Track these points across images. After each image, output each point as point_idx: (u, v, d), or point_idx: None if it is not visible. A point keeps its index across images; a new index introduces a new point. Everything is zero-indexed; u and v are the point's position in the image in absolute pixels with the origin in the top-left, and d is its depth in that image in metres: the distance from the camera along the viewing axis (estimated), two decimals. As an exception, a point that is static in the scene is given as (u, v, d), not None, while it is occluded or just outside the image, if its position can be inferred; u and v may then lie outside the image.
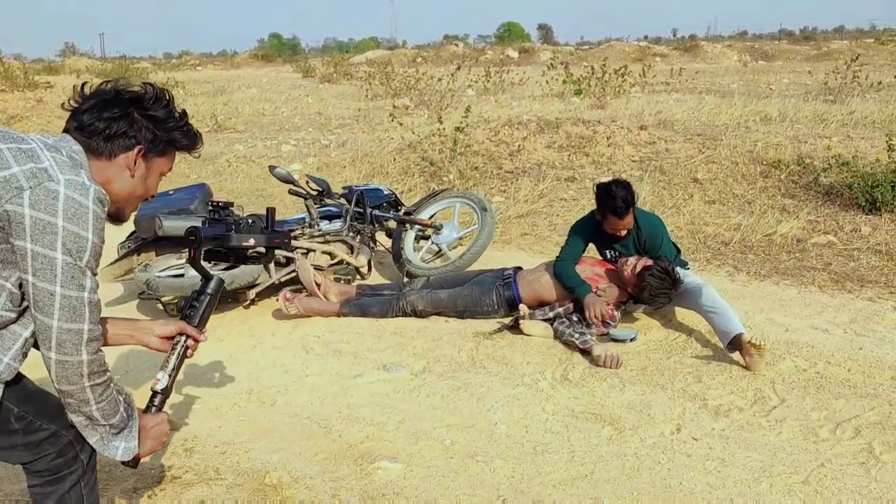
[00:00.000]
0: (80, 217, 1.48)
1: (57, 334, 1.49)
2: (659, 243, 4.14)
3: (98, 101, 1.63)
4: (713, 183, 7.15)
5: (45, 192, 1.46)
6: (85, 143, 1.61)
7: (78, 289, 1.49)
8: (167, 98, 1.72)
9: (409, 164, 8.39)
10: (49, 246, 1.45)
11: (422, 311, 4.25)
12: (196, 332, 1.89)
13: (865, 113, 9.86)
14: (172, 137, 1.71)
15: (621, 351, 3.73)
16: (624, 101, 13.24)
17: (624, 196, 3.97)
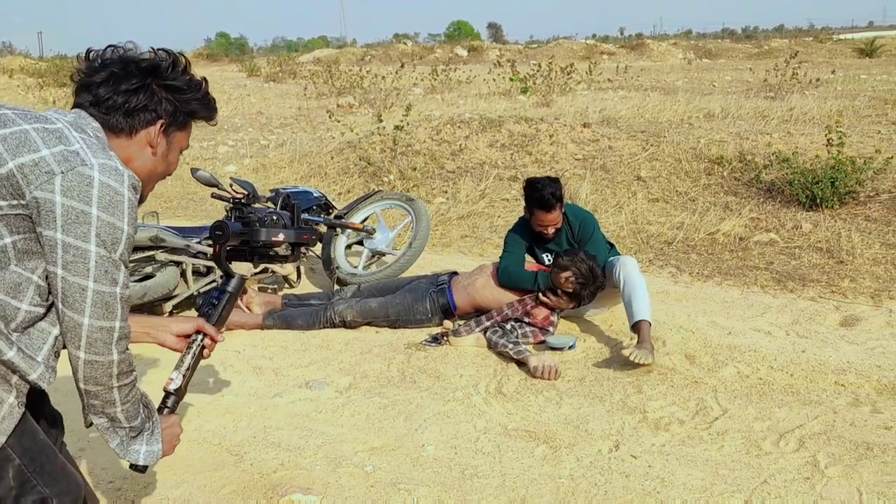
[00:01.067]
0: (116, 206, 1.37)
1: (88, 332, 1.38)
2: (591, 233, 3.99)
3: (112, 73, 1.50)
4: (657, 181, 7.06)
5: (79, 178, 1.34)
6: (103, 120, 1.49)
7: (111, 283, 1.39)
8: (184, 64, 1.59)
9: (348, 165, 8.12)
10: (82, 237, 1.34)
11: (351, 321, 4.01)
12: (214, 331, 1.79)
13: (804, 109, 9.93)
14: (192, 109, 1.59)
15: (559, 360, 3.55)
16: (569, 99, 13.17)
17: (552, 189, 3.82)
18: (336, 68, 20.54)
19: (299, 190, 4.94)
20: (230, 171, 8.79)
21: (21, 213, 1.36)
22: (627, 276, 3.66)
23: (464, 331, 3.78)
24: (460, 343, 3.72)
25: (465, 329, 3.79)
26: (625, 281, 3.66)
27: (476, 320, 3.84)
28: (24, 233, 1.37)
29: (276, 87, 22.17)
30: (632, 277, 3.66)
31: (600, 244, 3.99)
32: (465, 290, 3.97)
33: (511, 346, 3.53)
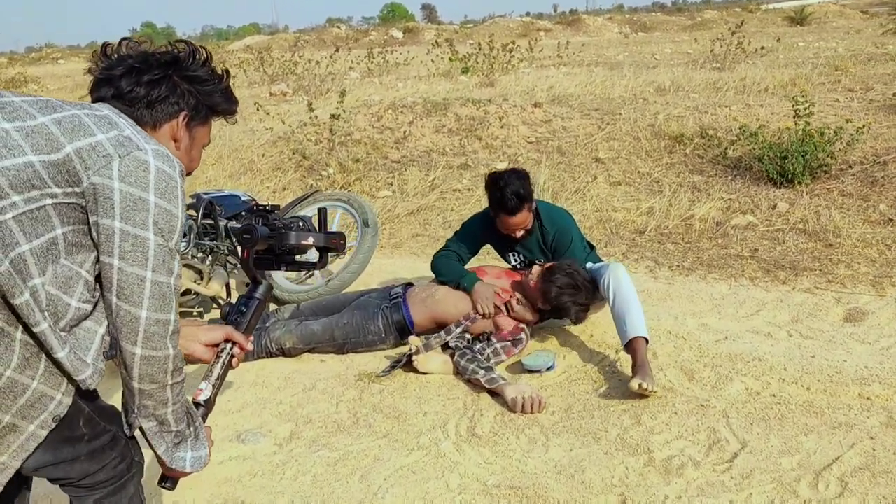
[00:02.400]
0: (171, 192, 1.36)
1: (145, 326, 1.34)
2: (568, 241, 3.47)
3: (132, 66, 1.49)
4: (616, 162, 6.59)
5: (136, 163, 1.32)
6: (128, 112, 1.45)
7: (168, 273, 1.36)
8: (205, 56, 1.57)
9: (282, 159, 7.44)
10: (141, 225, 1.32)
11: (291, 348, 3.41)
12: (244, 340, 1.72)
13: (756, 79, 9.60)
14: (214, 101, 1.57)
15: (539, 385, 3.03)
16: (513, 78, 12.65)
17: (515, 188, 3.27)
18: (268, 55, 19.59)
19: (224, 194, 4.29)
20: (153, 171, 8.02)
21: (74, 203, 1.32)
22: (618, 287, 3.15)
23: (434, 342, 3.23)
24: (428, 364, 3.16)
25: (436, 340, 3.24)
26: (615, 292, 3.15)
27: (446, 330, 3.30)
28: (75, 224, 1.34)
29: (205, 77, 21.10)
30: (622, 288, 3.15)
31: (578, 254, 3.47)
32: (424, 304, 3.41)
33: (482, 374, 2.99)
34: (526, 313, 3.34)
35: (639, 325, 3.03)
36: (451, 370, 3.17)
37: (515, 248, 3.59)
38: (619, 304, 3.12)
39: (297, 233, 1.91)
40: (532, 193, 3.38)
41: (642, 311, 3.11)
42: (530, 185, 3.37)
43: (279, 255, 1.94)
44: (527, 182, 3.35)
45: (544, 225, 3.51)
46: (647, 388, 2.76)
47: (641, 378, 2.80)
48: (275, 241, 1.89)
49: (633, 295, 3.13)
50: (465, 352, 3.15)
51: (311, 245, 1.93)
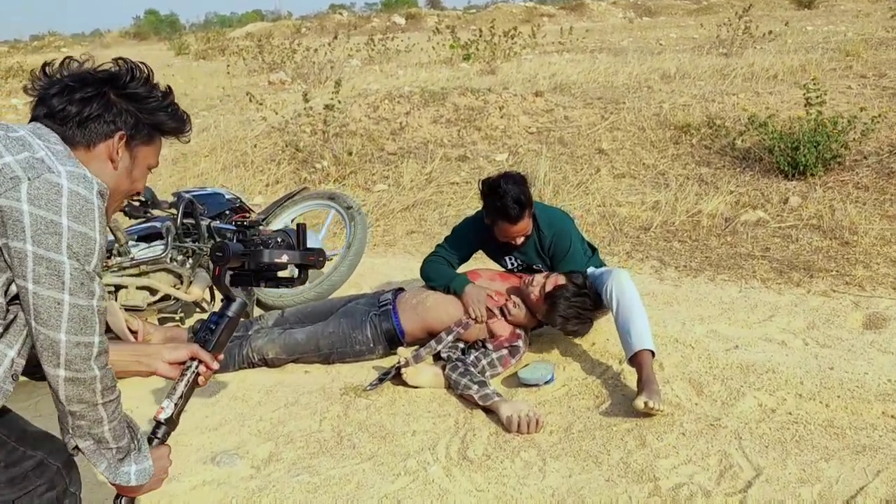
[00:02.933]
0: (86, 214, 1.32)
1: (66, 349, 1.33)
2: (567, 245, 3.25)
3: (66, 83, 1.44)
4: (620, 153, 6.36)
5: (47, 186, 1.30)
6: (59, 132, 1.42)
7: (87, 296, 1.34)
8: (146, 73, 1.52)
9: (276, 151, 7.22)
10: (54, 249, 1.29)
11: (274, 358, 3.21)
12: (209, 358, 1.70)
13: (765, 65, 9.33)
14: (157, 120, 1.52)
15: (536, 399, 2.83)
16: (515, 65, 12.39)
17: (516, 195, 3.06)
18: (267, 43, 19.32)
19: (207, 192, 4.08)
20: (145, 164, 7.81)
21: None
22: (621, 295, 2.94)
23: (424, 353, 3.03)
24: (418, 378, 2.96)
25: (427, 350, 3.05)
26: (618, 301, 2.93)
27: (437, 338, 3.11)
28: None
29: (205, 66, 20.82)
30: (626, 297, 2.93)
31: (578, 258, 3.25)
32: (415, 311, 3.21)
33: (475, 389, 2.78)
34: (523, 317, 3.13)
35: (644, 337, 2.82)
36: (442, 383, 2.97)
37: (511, 252, 3.38)
38: (622, 313, 2.91)
39: (272, 251, 1.81)
40: (531, 198, 3.16)
41: (647, 321, 2.90)
42: (529, 190, 3.15)
43: (256, 271, 1.84)
44: (526, 187, 3.13)
45: (541, 229, 3.29)
46: (654, 406, 2.55)
47: (647, 396, 2.59)
48: (249, 258, 1.81)
49: (637, 304, 2.92)
50: (457, 364, 2.94)
51: (287, 263, 1.84)
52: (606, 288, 3.01)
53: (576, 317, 2.99)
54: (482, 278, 3.30)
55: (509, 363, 3.05)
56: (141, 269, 3.46)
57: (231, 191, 4.17)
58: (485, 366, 2.99)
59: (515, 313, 3.10)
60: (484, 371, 2.97)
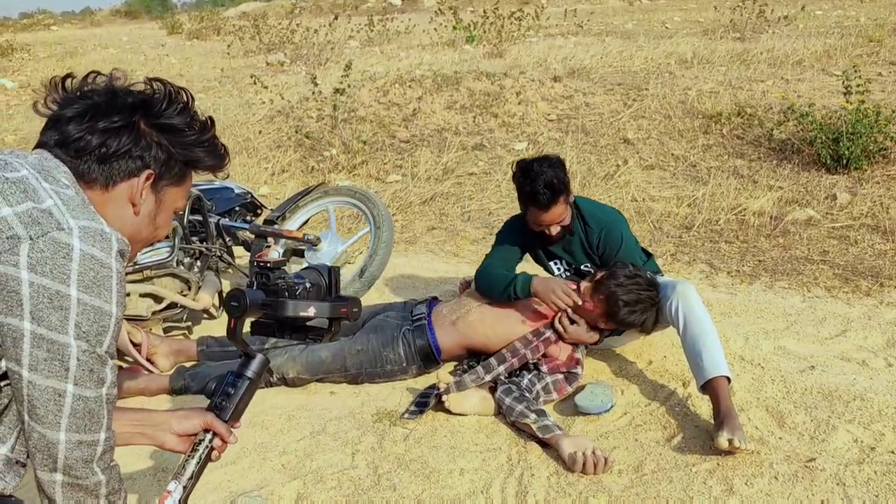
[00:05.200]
0: (102, 283, 1.07)
1: (66, 452, 1.09)
2: (618, 241, 2.90)
3: (89, 106, 1.16)
4: (647, 143, 6.02)
5: (54, 247, 1.03)
6: (72, 166, 1.15)
7: (96, 385, 1.09)
8: (185, 100, 1.25)
9: (281, 137, 6.85)
10: (58, 328, 1.04)
11: (294, 378, 2.87)
12: (226, 430, 1.42)
13: (786, 51, 8.99)
14: (193, 157, 1.26)
15: (595, 430, 2.50)
16: (522, 48, 11.99)
17: (549, 178, 2.71)
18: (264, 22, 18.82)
19: (216, 186, 3.73)
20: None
21: None
22: (689, 312, 2.60)
23: (469, 381, 2.67)
24: (461, 404, 2.62)
25: (472, 378, 2.68)
26: (685, 319, 2.60)
27: (485, 365, 2.73)
28: None
29: (199, 46, 20.29)
30: (695, 314, 2.59)
31: (632, 255, 2.91)
32: (454, 326, 2.87)
33: (533, 418, 2.45)
34: (583, 334, 2.78)
35: (719, 362, 2.49)
36: (490, 409, 2.63)
37: (557, 254, 3.04)
38: (691, 334, 2.58)
39: (297, 302, 1.53)
40: (568, 183, 2.81)
41: (720, 343, 2.56)
42: (566, 174, 2.80)
43: (280, 321, 1.54)
44: (562, 171, 2.78)
45: (589, 224, 2.95)
46: (740, 445, 2.23)
47: (731, 432, 2.27)
48: (269, 309, 1.53)
49: (708, 324, 2.58)
50: (511, 388, 2.60)
51: (312, 317, 1.55)
52: (671, 304, 2.67)
53: (638, 301, 2.66)
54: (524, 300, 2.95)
55: (565, 390, 2.71)
56: (144, 274, 3.10)
57: (241, 185, 3.81)
58: (539, 391, 2.66)
59: (573, 331, 2.76)
60: (538, 397, 2.64)
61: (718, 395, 2.42)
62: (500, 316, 2.83)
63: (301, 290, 1.57)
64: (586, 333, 2.77)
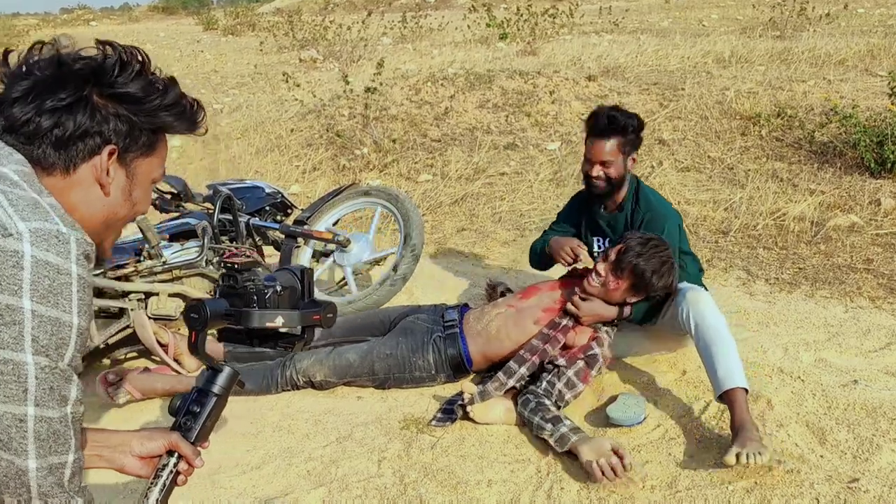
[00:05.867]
0: (59, 292, 0.98)
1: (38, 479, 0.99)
2: (659, 230, 2.84)
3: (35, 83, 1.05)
4: (683, 144, 5.90)
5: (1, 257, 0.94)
6: (25, 152, 1.05)
7: (60, 404, 1.00)
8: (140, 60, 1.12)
9: (313, 135, 6.84)
10: (11, 345, 0.94)
11: (321, 381, 2.84)
12: (192, 452, 1.29)
13: (828, 50, 8.76)
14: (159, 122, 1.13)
15: (628, 444, 2.43)
16: (556, 46, 11.87)
17: (616, 113, 2.83)
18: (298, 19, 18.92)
19: (246, 185, 3.72)
20: (175, 146, 7.48)
21: None
22: (700, 320, 2.53)
23: (493, 389, 2.62)
24: (486, 414, 2.57)
25: (495, 386, 2.63)
26: (696, 326, 2.54)
27: (506, 370, 2.68)
28: None
29: (234, 42, 20.47)
30: (707, 322, 2.52)
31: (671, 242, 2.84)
32: (481, 336, 2.81)
33: (549, 429, 2.38)
34: (599, 309, 2.70)
35: (733, 372, 2.41)
36: (514, 419, 2.58)
37: (602, 228, 3.02)
38: (702, 343, 2.51)
39: (263, 312, 1.41)
40: (632, 131, 2.84)
41: (735, 350, 2.48)
42: (636, 126, 2.85)
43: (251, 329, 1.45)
44: (633, 118, 2.84)
45: (639, 204, 2.94)
46: (751, 461, 2.14)
47: (741, 446, 2.19)
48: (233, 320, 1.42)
49: (721, 331, 2.51)
50: (528, 398, 2.53)
51: (279, 328, 1.44)
52: (681, 310, 2.62)
53: (663, 264, 2.62)
54: (541, 290, 2.90)
55: (589, 377, 2.62)
56: (174, 273, 3.10)
57: (271, 184, 3.80)
58: (561, 389, 2.58)
59: (586, 307, 2.68)
60: (562, 396, 2.57)
61: (733, 408, 2.35)
62: (516, 320, 2.78)
63: (271, 294, 1.46)
64: (603, 308, 2.70)
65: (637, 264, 2.61)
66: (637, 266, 2.61)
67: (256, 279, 1.48)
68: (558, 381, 2.60)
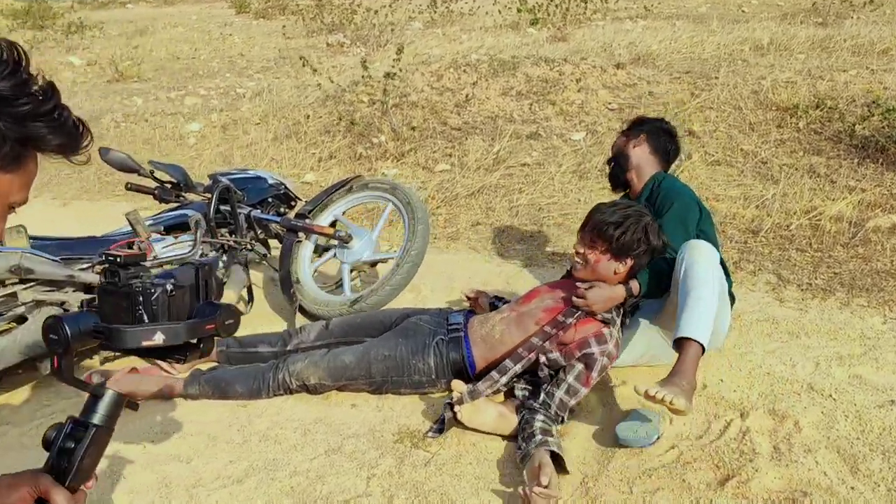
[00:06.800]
0: None
1: None
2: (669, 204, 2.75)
3: None
4: (714, 136, 5.62)
5: None
6: None
7: None
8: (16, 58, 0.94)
9: (331, 121, 6.67)
10: None
11: (316, 385, 2.68)
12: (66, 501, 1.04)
13: (871, 38, 8.35)
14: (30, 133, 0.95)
15: (638, 467, 2.23)
16: (587, 32, 11.56)
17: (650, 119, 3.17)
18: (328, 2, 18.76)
19: (248, 175, 3.56)
20: (194, 130, 7.37)
21: None
22: (689, 267, 2.46)
23: (484, 387, 2.44)
24: (476, 417, 2.39)
25: (487, 384, 2.45)
26: (685, 271, 2.47)
27: (500, 369, 2.50)
28: None
29: (264, 25, 20.38)
30: (695, 270, 2.45)
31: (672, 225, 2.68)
32: (485, 342, 2.62)
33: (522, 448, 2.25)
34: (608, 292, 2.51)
35: (700, 325, 2.37)
36: (509, 429, 2.39)
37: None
38: (684, 288, 2.45)
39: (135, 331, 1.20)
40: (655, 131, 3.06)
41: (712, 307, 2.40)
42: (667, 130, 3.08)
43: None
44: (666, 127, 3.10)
45: (660, 188, 2.84)
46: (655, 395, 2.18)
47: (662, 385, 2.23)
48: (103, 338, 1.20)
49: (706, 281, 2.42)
50: (523, 415, 2.37)
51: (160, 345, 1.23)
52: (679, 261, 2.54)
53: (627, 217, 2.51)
54: (542, 293, 2.70)
55: (591, 379, 2.40)
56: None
57: (276, 174, 3.64)
58: (562, 398, 2.38)
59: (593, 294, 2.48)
60: (564, 405, 2.37)
61: (681, 357, 2.36)
62: (518, 323, 2.59)
63: (159, 294, 1.25)
64: (609, 290, 2.52)
65: (598, 220, 2.54)
66: (599, 223, 2.53)
67: (144, 276, 1.28)
68: (558, 390, 2.41)
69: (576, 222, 4.35)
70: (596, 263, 2.55)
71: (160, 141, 7.20)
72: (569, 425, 2.45)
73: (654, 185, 2.84)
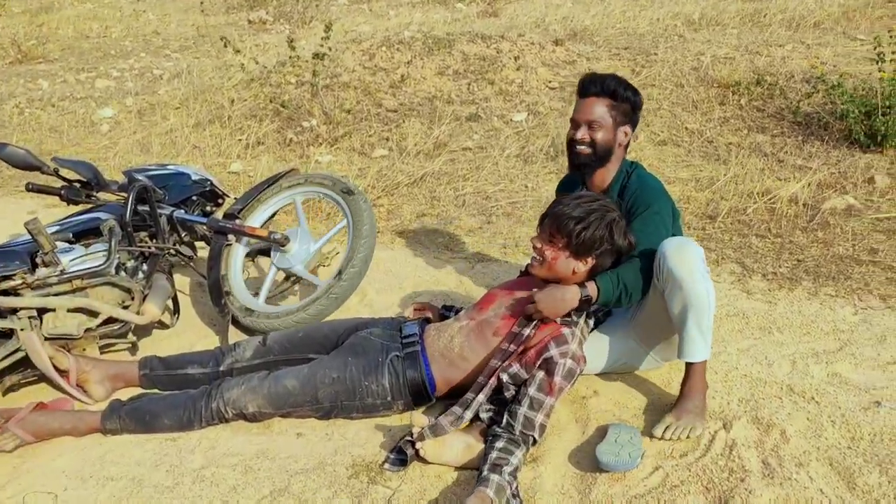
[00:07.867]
0: None
1: None
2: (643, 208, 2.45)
3: None
4: (658, 115, 5.49)
5: None
6: None
7: None
8: None
9: (257, 105, 6.24)
10: None
11: (254, 413, 2.38)
12: None
13: (802, 11, 8.39)
14: None
15: (623, 495, 2.02)
16: (518, 6, 11.33)
17: (602, 77, 2.50)
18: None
19: (169, 171, 3.18)
20: (107, 117, 6.82)
21: None
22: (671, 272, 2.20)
23: (447, 423, 2.18)
24: (440, 453, 2.14)
25: (450, 420, 2.19)
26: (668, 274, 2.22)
27: (462, 402, 2.25)
28: None
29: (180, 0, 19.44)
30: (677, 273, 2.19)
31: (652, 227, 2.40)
32: (444, 357, 2.36)
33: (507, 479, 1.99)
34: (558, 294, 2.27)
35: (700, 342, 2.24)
36: (478, 459, 2.14)
37: None
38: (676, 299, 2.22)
39: None
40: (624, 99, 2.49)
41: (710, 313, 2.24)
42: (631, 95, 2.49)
43: None
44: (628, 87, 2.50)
45: (631, 180, 2.54)
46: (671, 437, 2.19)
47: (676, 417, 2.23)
48: None
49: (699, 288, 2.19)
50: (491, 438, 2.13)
51: None
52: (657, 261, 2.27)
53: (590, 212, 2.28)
54: (498, 297, 2.46)
55: (554, 388, 2.15)
56: (74, 284, 2.57)
57: (200, 169, 3.27)
58: (526, 415, 2.13)
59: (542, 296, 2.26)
60: (532, 423, 2.13)
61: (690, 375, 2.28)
62: (478, 334, 2.34)
63: None
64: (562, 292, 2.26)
65: (559, 214, 2.29)
66: (560, 217, 2.28)
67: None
68: (520, 407, 2.16)
69: (525, 211, 4.13)
70: (553, 261, 2.32)
71: (69, 128, 6.62)
72: (541, 447, 2.22)
73: (626, 178, 2.58)
